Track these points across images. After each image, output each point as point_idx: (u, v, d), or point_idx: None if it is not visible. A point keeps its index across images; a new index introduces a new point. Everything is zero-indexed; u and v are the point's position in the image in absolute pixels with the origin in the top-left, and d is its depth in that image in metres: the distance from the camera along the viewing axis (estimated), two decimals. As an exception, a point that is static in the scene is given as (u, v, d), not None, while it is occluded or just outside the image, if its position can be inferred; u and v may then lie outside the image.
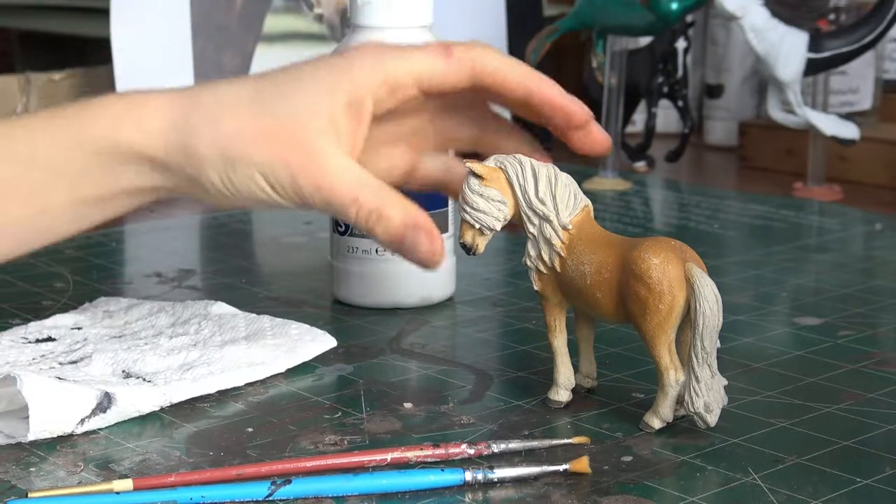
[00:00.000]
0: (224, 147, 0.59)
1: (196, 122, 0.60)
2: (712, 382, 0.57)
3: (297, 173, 0.59)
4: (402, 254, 0.58)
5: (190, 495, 0.51)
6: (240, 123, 0.60)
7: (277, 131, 0.59)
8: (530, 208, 0.59)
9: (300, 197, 0.59)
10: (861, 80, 1.21)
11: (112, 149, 0.60)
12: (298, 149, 0.59)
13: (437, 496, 0.52)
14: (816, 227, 0.98)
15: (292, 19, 1.20)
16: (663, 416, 0.58)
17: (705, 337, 0.56)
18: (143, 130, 0.60)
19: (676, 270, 0.56)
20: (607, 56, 1.09)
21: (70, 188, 0.60)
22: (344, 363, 0.67)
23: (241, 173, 0.60)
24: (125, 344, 0.66)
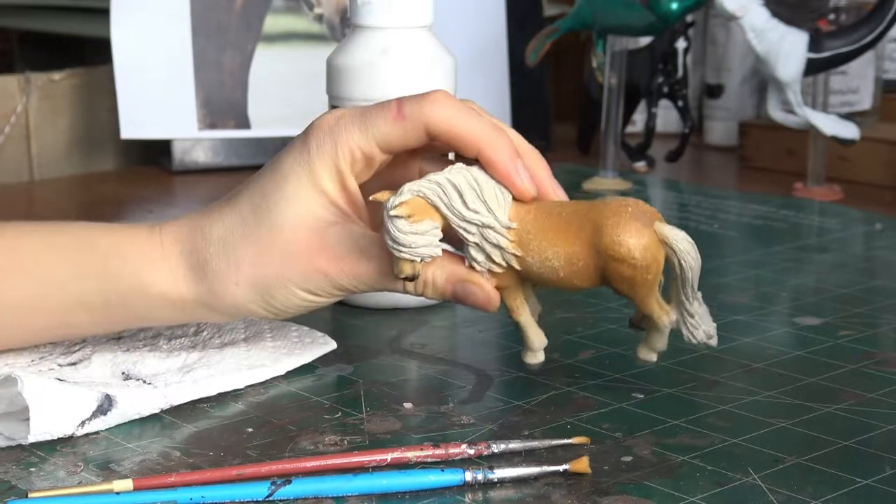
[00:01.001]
0: (254, 281, 0.61)
1: (218, 267, 0.61)
2: (703, 312, 0.60)
3: (332, 275, 0.60)
4: (459, 303, 0.61)
5: (190, 495, 0.51)
6: (258, 250, 0.61)
7: (296, 244, 0.60)
8: (465, 221, 0.59)
9: (344, 291, 0.61)
10: (861, 80, 1.21)
11: (138, 296, 0.62)
12: (324, 252, 0.60)
13: (437, 496, 0.52)
14: (816, 227, 0.98)
15: (292, 19, 1.20)
16: (659, 347, 0.61)
17: (693, 281, 0.59)
18: (168, 278, 0.61)
19: (651, 238, 0.58)
20: (607, 56, 1.09)
21: (91, 315, 0.62)
22: (344, 363, 0.67)
23: (281, 296, 0.61)
24: (124, 346, 0.66)
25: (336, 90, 0.74)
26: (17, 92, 1.15)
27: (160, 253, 0.61)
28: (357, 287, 0.61)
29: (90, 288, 0.61)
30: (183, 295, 0.61)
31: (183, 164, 1.17)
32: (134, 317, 0.63)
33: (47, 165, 1.16)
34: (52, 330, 0.63)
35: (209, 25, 1.16)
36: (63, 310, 0.62)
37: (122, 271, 0.61)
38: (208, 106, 1.16)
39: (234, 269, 0.61)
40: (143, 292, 0.61)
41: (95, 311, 0.62)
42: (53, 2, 1.31)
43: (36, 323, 0.63)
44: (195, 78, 1.16)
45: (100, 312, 0.62)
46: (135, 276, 0.61)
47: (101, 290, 0.61)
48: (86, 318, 0.62)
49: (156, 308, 0.62)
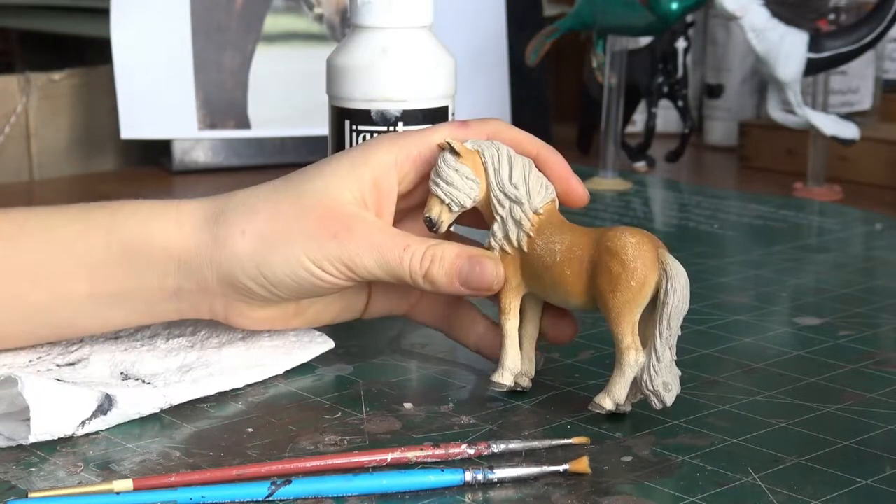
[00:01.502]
0: (263, 233, 0.61)
1: (231, 215, 0.62)
2: (671, 365, 0.58)
3: (344, 240, 0.60)
4: (466, 285, 0.61)
5: (190, 495, 0.51)
6: (276, 205, 0.61)
7: (313, 208, 0.61)
8: (502, 191, 0.61)
9: (349, 266, 0.61)
10: (861, 80, 1.21)
11: (140, 246, 0.61)
12: (338, 221, 0.61)
13: (437, 496, 0.52)
14: (816, 227, 0.98)
15: (292, 19, 1.20)
16: (616, 396, 0.58)
17: (672, 317, 0.57)
18: (175, 228, 0.61)
19: (651, 253, 0.57)
20: (607, 56, 1.09)
21: (90, 280, 0.62)
22: (344, 363, 0.67)
23: (282, 256, 0.61)
24: (122, 346, 0.66)
25: (336, 90, 0.74)
26: (17, 92, 1.15)
27: (175, 209, 0.62)
28: (362, 259, 0.60)
29: (95, 244, 0.61)
30: (187, 244, 0.61)
31: (183, 164, 1.17)
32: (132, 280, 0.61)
33: (47, 165, 1.16)
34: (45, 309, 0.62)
35: (209, 25, 1.16)
36: (64, 275, 0.61)
37: (130, 222, 0.62)
38: (208, 106, 1.16)
39: (247, 219, 0.61)
40: (146, 243, 0.61)
41: (96, 272, 0.61)
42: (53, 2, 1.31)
43: (31, 297, 0.62)
44: (195, 78, 1.16)
45: (100, 275, 0.61)
46: (142, 226, 0.61)
47: (106, 244, 0.61)
48: (85, 287, 0.61)
49: (156, 263, 0.61)
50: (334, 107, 0.74)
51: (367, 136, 0.72)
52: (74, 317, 0.63)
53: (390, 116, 0.72)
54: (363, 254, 0.60)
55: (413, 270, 0.61)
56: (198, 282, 0.62)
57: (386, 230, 0.61)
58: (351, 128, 0.73)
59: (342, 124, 0.73)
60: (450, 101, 0.74)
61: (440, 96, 0.74)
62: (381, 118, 0.72)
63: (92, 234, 0.62)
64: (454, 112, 0.75)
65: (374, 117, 0.72)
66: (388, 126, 0.72)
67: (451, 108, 0.74)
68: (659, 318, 0.57)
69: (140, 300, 0.63)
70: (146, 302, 0.63)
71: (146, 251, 0.61)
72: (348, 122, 0.73)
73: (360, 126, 0.73)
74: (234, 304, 0.62)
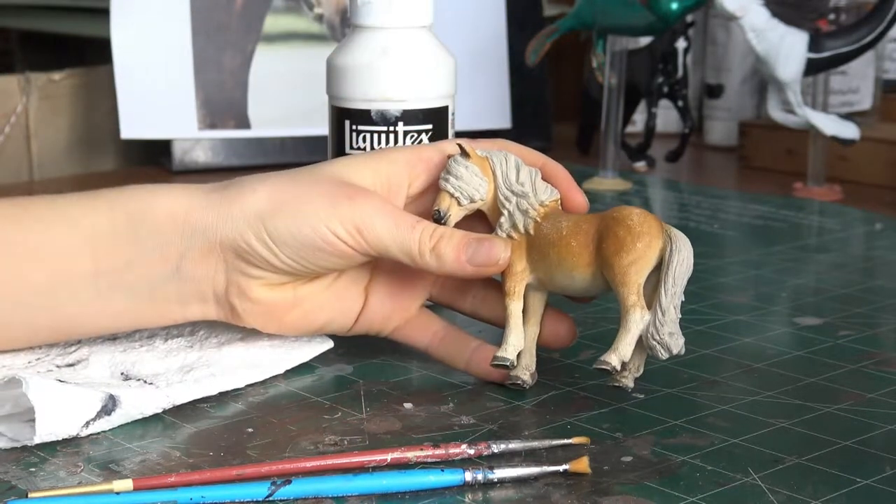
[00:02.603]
0: (275, 193, 0.61)
1: (244, 181, 0.62)
2: (676, 324, 0.59)
3: (360, 202, 0.61)
4: (472, 261, 0.61)
5: (190, 495, 0.51)
6: (292, 176, 0.63)
7: (329, 180, 0.62)
8: (508, 189, 0.62)
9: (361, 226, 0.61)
10: (861, 80, 1.21)
11: (144, 214, 0.61)
12: (354, 189, 0.62)
13: (437, 496, 0.52)
14: (816, 227, 0.98)
15: (292, 19, 1.20)
16: (622, 353, 0.59)
17: (677, 276, 0.59)
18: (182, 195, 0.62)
19: (656, 221, 0.60)
20: (607, 56, 1.09)
21: (93, 256, 0.61)
22: (344, 363, 0.67)
23: (295, 216, 0.61)
24: (120, 346, 0.66)
25: (336, 90, 0.74)
26: (17, 92, 1.15)
27: (183, 185, 0.63)
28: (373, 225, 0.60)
29: (100, 218, 0.61)
30: (191, 204, 0.61)
31: (183, 164, 1.17)
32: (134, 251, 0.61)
33: (47, 165, 1.16)
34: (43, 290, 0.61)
35: (209, 25, 1.16)
36: (67, 252, 0.61)
37: (137, 194, 0.62)
38: (208, 106, 1.16)
39: (260, 182, 0.62)
40: (151, 211, 0.61)
41: (99, 247, 0.61)
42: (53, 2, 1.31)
43: (31, 276, 0.61)
44: (195, 78, 1.16)
45: (102, 249, 0.61)
46: (148, 196, 0.62)
47: (111, 217, 0.61)
48: (87, 265, 0.61)
49: (159, 231, 0.61)
50: (334, 107, 0.74)
51: (367, 136, 0.73)
52: (72, 301, 0.62)
53: (390, 116, 0.72)
54: (376, 217, 0.61)
55: (423, 242, 0.61)
56: (201, 246, 0.61)
57: (395, 207, 0.63)
58: (351, 128, 0.73)
59: (342, 124, 0.73)
60: (450, 101, 0.74)
61: (440, 96, 0.74)
62: (381, 118, 0.72)
63: (98, 209, 0.62)
64: (454, 112, 0.75)
65: (374, 117, 0.72)
66: (388, 126, 0.72)
67: (451, 108, 0.74)
68: (664, 276, 0.59)
69: (142, 277, 0.61)
70: (148, 279, 0.61)
71: (150, 219, 0.61)
72: (348, 122, 0.73)
73: (360, 126, 0.73)
74: (235, 279, 0.62)
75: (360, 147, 0.73)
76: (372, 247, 0.61)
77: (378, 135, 0.72)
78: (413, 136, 0.73)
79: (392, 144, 0.72)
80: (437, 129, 0.73)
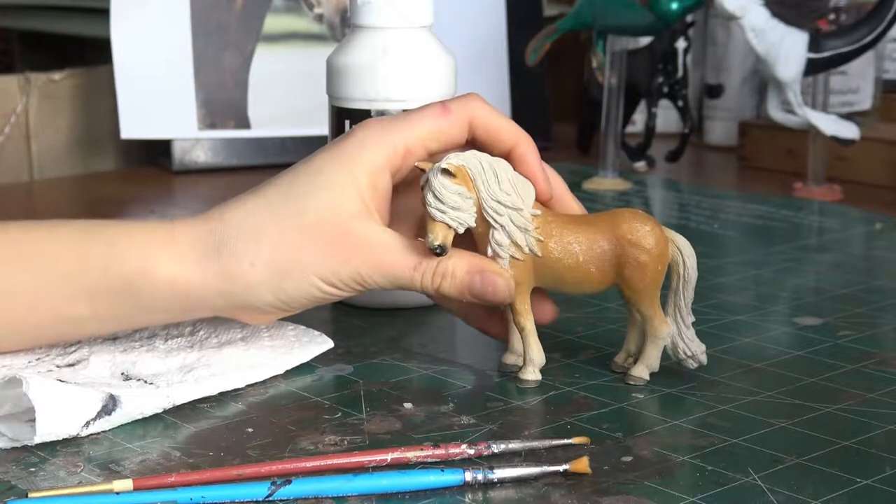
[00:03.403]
0: (273, 263, 0.61)
1: (234, 245, 0.61)
2: (693, 331, 0.63)
3: (355, 265, 0.61)
4: (478, 299, 0.62)
5: (190, 495, 0.51)
6: (280, 230, 0.61)
7: (320, 229, 0.61)
8: (496, 200, 0.61)
9: (361, 284, 0.61)
10: (861, 80, 1.21)
11: (142, 281, 0.61)
12: (346, 245, 0.61)
13: (437, 496, 0.52)
14: (816, 227, 0.98)
15: (292, 19, 1.20)
16: (652, 366, 0.63)
17: (692, 287, 0.63)
18: (175, 263, 0.61)
19: (662, 234, 0.62)
20: (607, 56, 1.09)
21: (91, 305, 0.62)
22: (344, 363, 0.67)
23: (296, 282, 0.61)
24: (120, 346, 0.66)
25: (336, 90, 0.74)
26: (17, 92, 1.15)
27: (170, 237, 0.61)
28: (373, 279, 0.61)
29: (93, 276, 0.61)
30: (192, 279, 0.60)
31: (183, 164, 1.17)
32: (135, 307, 0.61)
33: (47, 165, 1.16)
34: (48, 327, 0.62)
35: (209, 25, 1.16)
36: (64, 300, 0.61)
37: (128, 255, 0.61)
38: (208, 106, 1.16)
39: (254, 249, 0.60)
40: (148, 276, 0.60)
41: (97, 299, 0.61)
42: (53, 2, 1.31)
43: (33, 318, 0.62)
44: (195, 78, 1.16)
45: (101, 301, 0.61)
46: (141, 260, 0.60)
47: (105, 277, 0.61)
48: (86, 311, 0.61)
49: (161, 297, 0.61)
50: (334, 107, 0.74)
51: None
52: (78, 332, 0.64)
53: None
54: (374, 274, 0.61)
55: (425, 287, 0.61)
56: (205, 308, 0.62)
57: (394, 248, 0.61)
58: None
59: (342, 124, 0.73)
60: (450, 101, 0.74)
61: (440, 96, 0.73)
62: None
63: (91, 268, 0.61)
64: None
65: (374, 117, 0.72)
66: (388, 126, 0.72)
67: (451, 108, 0.74)
68: (683, 290, 0.63)
69: (144, 322, 0.64)
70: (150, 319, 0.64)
71: (149, 289, 0.61)
72: (348, 122, 0.73)
73: (360, 126, 0.73)
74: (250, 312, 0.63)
75: (360, 147, 0.72)
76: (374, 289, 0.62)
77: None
78: (413, 136, 0.72)
79: None
80: (437, 129, 0.73)
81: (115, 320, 0.63)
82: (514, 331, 0.64)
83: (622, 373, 0.64)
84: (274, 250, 0.61)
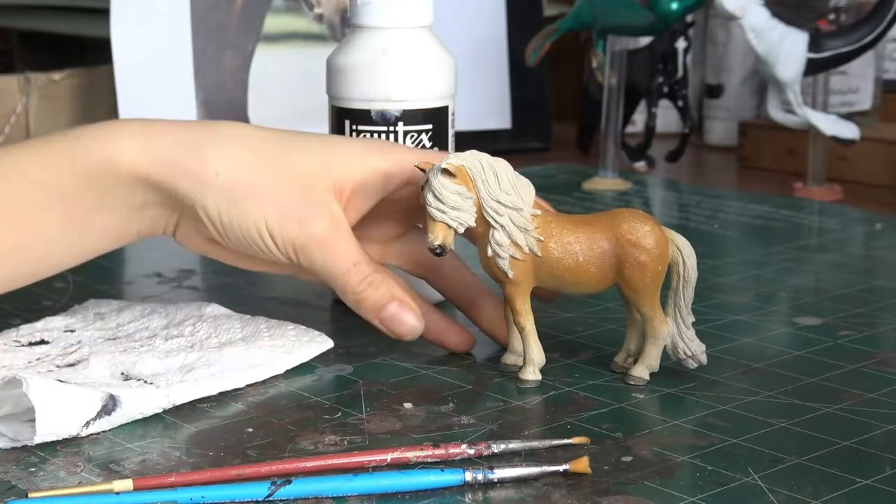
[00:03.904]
0: (235, 182, 0.61)
1: (209, 150, 0.61)
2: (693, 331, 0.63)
3: (307, 229, 0.61)
4: (383, 323, 0.63)
5: (190, 495, 0.51)
6: (258, 160, 0.62)
7: (295, 183, 0.62)
8: (496, 200, 0.61)
9: (296, 253, 0.62)
10: (861, 80, 1.21)
11: (106, 169, 0.61)
12: (308, 207, 0.62)
13: (437, 496, 0.52)
14: (816, 227, 0.98)
15: (292, 19, 1.20)
16: (652, 366, 0.63)
17: (692, 287, 0.63)
18: (141, 150, 0.61)
19: (661, 234, 0.62)
20: (607, 56, 1.09)
21: (60, 207, 0.61)
22: (344, 363, 0.67)
23: (245, 212, 0.62)
24: (120, 346, 0.66)
25: (336, 90, 0.74)
26: (17, 92, 1.15)
27: (141, 132, 0.62)
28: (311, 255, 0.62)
29: (61, 172, 0.61)
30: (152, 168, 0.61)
31: (183, 164, 1.17)
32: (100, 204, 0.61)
33: (47, 165, 1.16)
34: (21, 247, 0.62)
35: (209, 25, 1.16)
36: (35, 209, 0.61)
37: (94, 146, 0.61)
38: (208, 106, 1.16)
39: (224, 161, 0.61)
40: (111, 165, 0.61)
41: (65, 200, 0.61)
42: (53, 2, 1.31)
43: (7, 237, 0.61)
44: (195, 78, 1.16)
45: (69, 202, 0.61)
46: (106, 151, 0.61)
47: (72, 171, 0.61)
48: (56, 218, 0.61)
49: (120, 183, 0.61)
50: (334, 107, 0.74)
51: (367, 136, 0.72)
52: (49, 251, 0.63)
53: (390, 116, 0.72)
54: (316, 250, 0.62)
55: (350, 286, 0.63)
56: (162, 200, 0.62)
57: (345, 236, 0.63)
58: (351, 128, 0.73)
59: (342, 124, 0.73)
60: (450, 101, 0.74)
61: (440, 96, 0.74)
62: (381, 118, 0.72)
63: (57, 165, 0.61)
64: (454, 112, 0.75)
65: (374, 117, 0.72)
66: (388, 126, 0.72)
67: (451, 108, 0.74)
68: (683, 290, 0.63)
69: (109, 220, 0.63)
70: (114, 221, 0.63)
71: (113, 173, 0.61)
72: (348, 122, 0.73)
73: (360, 126, 0.73)
74: (187, 227, 0.63)
75: (360, 147, 0.73)
76: (304, 266, 0.63)
77: (378, 135, 0.72)
78: (413, 136, 0.72)
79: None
80: (437, 129, 0.73)
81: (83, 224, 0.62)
82: (514, 331, 0.64)
83: (622, 373, 0.64)
84: (243, 173, 0.61)
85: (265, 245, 0.62)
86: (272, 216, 0.61)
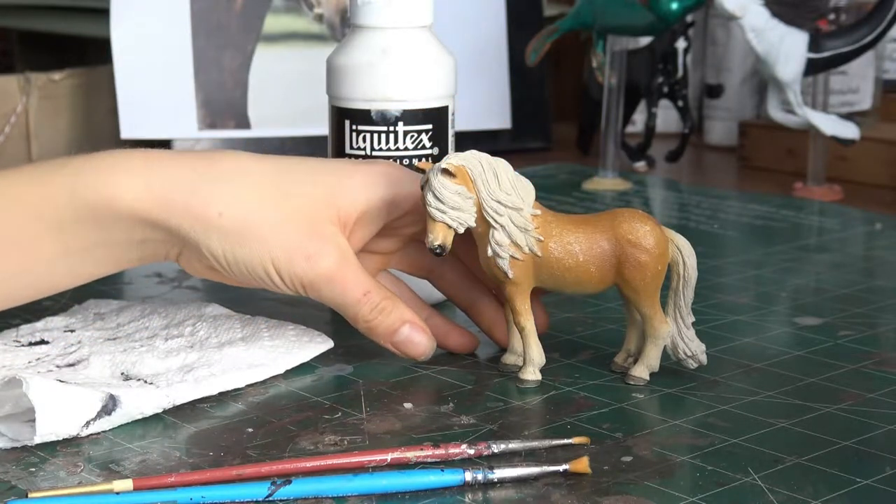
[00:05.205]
0: (239, 222, 0.61)
1: (211, 189, 0.61)
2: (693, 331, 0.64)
3: (315, 267, 0.61)
4: (396, 347, 0.64)
5: (190, 495, 0.51)
6: (261, 198, 0.61)
7: (300, 218, 0.62)
8: (496, 200, 0.61)
9: (307, 288, 0.62)
10: (861, 80, 1.21)
11: (107, 205, 0.61)
12: (317, 242, 0.62)
13: (437, 496, 0.52)
14: (816, 227, 0.98)
15: (292, 19, 1.20)
16: (652, 366, 0.63)
17: (692, 287, 0.63)
18: (142, 189, 0.61)
19: (661, 234, 0.62)
20: (607, 56, 1.09)
21: (60, 238, 0.61)
22: (344, 363, 0.67)
23: (250, 252, 0.61)
24: (121, 346, 0.66)
25: (336, 90, 0.74)
26: (17, 92, 1.15)
27: (142, 166, 0.62)
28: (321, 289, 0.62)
29: (60, 206, 0.60)
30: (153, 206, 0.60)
31: (183, 164, 1.17)
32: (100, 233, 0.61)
33: (47, 165, 1.16)
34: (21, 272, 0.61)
35: (209, 25, 1.16)
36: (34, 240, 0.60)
37: (94, 182, 0.60)
38: (208, 106, 1.16)
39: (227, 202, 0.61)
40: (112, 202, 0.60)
41: (64, 233, 0.60)
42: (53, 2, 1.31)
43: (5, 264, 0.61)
44: (195, 78, 1.16)
45: (68, 234, 0.60)
46: (107, 185, 0.60)
47: (72, 206, 0.60)
48: (55, 248, 0.61)
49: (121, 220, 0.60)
50: (334, 107, 0.74)
51: (367, 136, 0.72)
52: (49, 276, 0.63)
53: (390, 116, 0.72)
54: (325, 285, 0.62)
55: (362, 314, 0.63)
56: (164, 237, 0.62)
57: (352, 268, 0.63)
58: (351, 128, 0.73)
59: (342, 124, 0.73)
60: (450, 101, 0.74)
61: (440, 96, 0.74)
62: (381, 118, 0.72)
63: (57, 198, 0.60)
64: (454, 112, 0.75)
65: (374, 117, 0.72)
66: (388, 126, 0.72)
67: (451, 108, 0.74)
68: (683, 290, 0.63)
69: (109, 252, 0.63)
70: (114, 253, 0.63)
71: (113, 211, 0.60)
72: (348, 122, 0.73)
73: (360, 126, 0.73)
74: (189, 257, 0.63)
75: (360, 147, 0.73)
76: (313, 299, 0.63)
77: (378, 135, 0.72)
78: (413, 136, 0.72)
79: (392, 144, 0.72)
80: (437, 129, 0.73)
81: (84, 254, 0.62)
82: (514, 331, 0.64)
83: (622, 373, 0.64)
84: (247, 212, 0.61)
85: (272, 282, 0.62)
86: (279, 255, 0.61)
